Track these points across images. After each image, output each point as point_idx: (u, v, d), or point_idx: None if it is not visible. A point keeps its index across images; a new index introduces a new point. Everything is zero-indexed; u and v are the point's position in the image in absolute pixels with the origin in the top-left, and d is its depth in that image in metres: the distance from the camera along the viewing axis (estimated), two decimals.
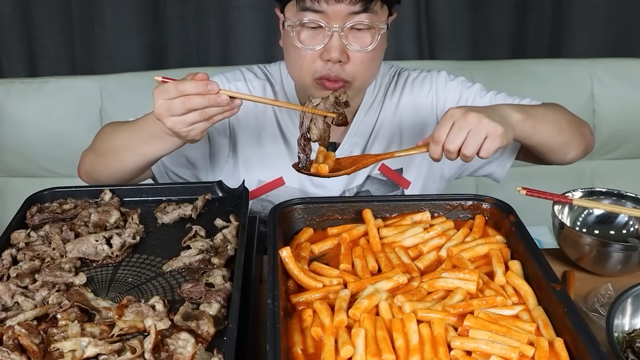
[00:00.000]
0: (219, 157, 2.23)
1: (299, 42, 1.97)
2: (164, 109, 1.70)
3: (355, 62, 1.98)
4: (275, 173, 2.21)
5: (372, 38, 1.97)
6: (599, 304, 1.74)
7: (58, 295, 1.45)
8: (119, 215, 1.76)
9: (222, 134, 2.20)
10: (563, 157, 2.10)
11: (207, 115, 1.71)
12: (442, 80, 2.28)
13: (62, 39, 3.51)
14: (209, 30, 3.55)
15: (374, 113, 2.24)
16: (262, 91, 2.24)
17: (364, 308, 1.43)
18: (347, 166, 1.79)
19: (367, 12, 1.92)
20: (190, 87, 1.68)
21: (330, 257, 1.68)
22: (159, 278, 1.56)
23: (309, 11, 1.92)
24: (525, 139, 1.94)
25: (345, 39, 1.93)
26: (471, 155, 1.72)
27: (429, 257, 1.66)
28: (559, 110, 2.09)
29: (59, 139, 3.14)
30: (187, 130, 1.73)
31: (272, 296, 1.37)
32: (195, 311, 1.40)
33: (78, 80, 3.21)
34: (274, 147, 2.22)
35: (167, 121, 1.71)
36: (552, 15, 3.63)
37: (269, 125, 2.23)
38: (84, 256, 1.62)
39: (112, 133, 2.06)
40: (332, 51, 1.94)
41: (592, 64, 3.29)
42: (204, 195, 1.85)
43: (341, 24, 1.92)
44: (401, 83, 2.29)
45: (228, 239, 1.67)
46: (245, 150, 2.22)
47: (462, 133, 1.71)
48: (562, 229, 1.89)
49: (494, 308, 1.45)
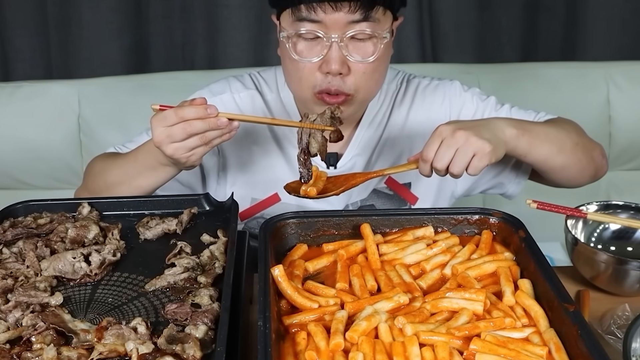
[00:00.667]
0: (210, 176, 2.26)
1: (296, 53, 1.98)
2: (164, 136, 1.79)
3: (357, 73, 1.98)
4: (270, 189, 2.22)
5: (374, 47, 1.97)
6: (616, 326, 1.75)
7: (32, 316, 1.44)
8: (98, 231, 1.76)
9: (211, 153, 2.20)
10: (567, 180, 2.14)
11: (207, 139, 1.81)
12: (456, 91, 2.28)
13: (37, 40, 3.51)
14: (195, 30, 3.56)
15: (380, 124, 2.25)
16: (250, 102, 2.25)
17: (362, 330, 1.43)
18: (337, 185, 1.83)
19: (367, 21, 1.93)
20: (190, 112, 1.78)
21: (326, 276, 1.68)
22: (141, 298, 1.55)
23: (305, 21, 1.93)
24: (520, 156, 2.00)
25: (345, 49, 1.94)
26: (459, 174, 1.82)
27: (432, 275, 1.66)
28: (568, 129, 2.11)
29: (33, 149, 3.13)
30: (187, 155, 1.82)
31: (263, 317, 1.37)
32: (180, 334, 1.40)
33: (54, 85, 3.21)
34: (268, 161, 2.23)
35: (167, 148, 1.80)
36: (565, 14, 3.65)
37: (262, 138, 2.23)
38: (61, 274, 1.61)
39: (103, 170, 2.13)
40: (331, 63, 1.94)
41: (608, 67, 3.30)
42: (190, 209, 1.85)
43: (340, 34, 1.92)
44: (411, 92, 2.29)
45: (216, 256, 1.67)
46: (236, 167, 2.24)
47: (449, 151, 1.80)
48: (576, 245, 1.89)
49: (502, 330, 1.45)
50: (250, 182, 2.23)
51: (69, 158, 3.11)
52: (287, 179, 2.01)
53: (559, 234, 1.98)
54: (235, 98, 2.25)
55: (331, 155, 2.19)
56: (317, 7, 1.90)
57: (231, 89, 2.27)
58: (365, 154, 2.24)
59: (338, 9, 1.89)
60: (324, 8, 1.89)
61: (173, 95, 2.19)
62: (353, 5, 1.89)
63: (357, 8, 1.90)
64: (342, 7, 1.89)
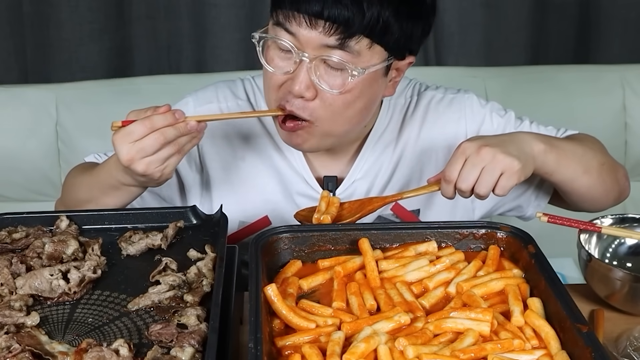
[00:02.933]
0: (191, 194, 2.24)
1: (264, 59, 1.95)
2: (134, 152, 1.77)
3: (324, 101, 1.92)
4: (260, 211, 2.19)
5: (342, 81, 1.89)
6: (632, 348, 1.75)
7: (7, 337, 1.44)
8: (78, 246, 1.76)
9: (194, 169, 2.22)
10: (591, 203, 2.13)
11: (179, 146, 1.81)
12: (473, 106, 2.24)
13: (11, 42, 3.52)
14: (181, 31, 3.57)
15: (388, 145, 2.20)
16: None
17: (360, 353, 1.43)
18: (352, 212, 1.82)
19: (343, 50, 1.85)
20: (160, 121, 1.77)
21: (322, 294, 1.68)
22: (123, 318, 1.56)
23: (281, 28, 1.88)
24: (547, 174, 1.98)
25: (314, 72, 1.88)
26: (485, 195, 1.80)
27: (436, 294, 1.66)
28: (593, 149, 2.10)
29: (8, 158, 3.13)
30: (161, 168, 1.81)
31: (254, 339, 1.37)
32: (165, 356, 1.41)
33: (30, 90, 3.22)
34: (258, 180, 2.20)
35: (139, 165, 1.79)
36: (578, 14, 3.66)
37: (250, 155, 2.20)
38: (37, 293, 1.61)
39: (74, 185, 2.14)
40: (295, 83, 1.89)
41: (623, 70, 3.31)
42: (176, 223, 1.85)
43: (312, 54, 1.87)
44: (422, 107, 2.24)
45: (203, 273, 1.67)
46: (222, 185, 2.22)
47: (475, 170, 1.79)
48: (590, 261, 1.89)
49: (510, 353, 1.45)
50: (238, 202, 2.19)
51: (46, 168, 3.11)
52: (278, 200, 2.01)
53: (572, 250, 1.98)
54: (222, 109, 2.21)
55: (330, 180, 2.16)
56: (293, 19, 1.85)
57: (218, 97, 2.23)
58: (369, 178, 2.19)
59: (313, 26, 1.83)
60: (299, 21, 1.84)
61: (158, 101, 2.19)
62: (328, 26, 1.82)
63: (333, 32, 1.82)
64: (317, 25, 1.83)
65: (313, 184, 2.17)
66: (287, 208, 2.16)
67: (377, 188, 2.20)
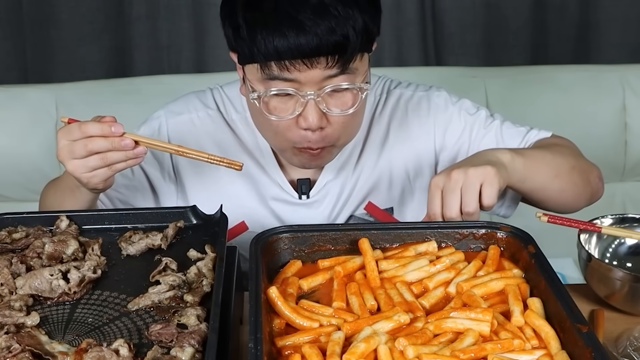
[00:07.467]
0: (167, 204, 2.24)
1: (269, 112, 1.93)
2: (66, 150, 1.81)
3: (337, 124, 1.95)
4: (237, 216, 2.17)
5: (354, 98, 1.93)
6: (632, 348, 1.75)
7: (7, 337, 1.44)
8: (78, 246, 1.76)
9: (167, 180, 2.22)
10: (563, 206, 2.12)
11: (108, 160, 1.80)
12: (440, 104, 2.24)
13: (11, 42, 3.52)
14: (181, 31, 3.57)
15: (356, 144, 2.20)
16: (210, 123, 2.22)
17: (360, 353, 1.43)
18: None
19: (345, 74, 1.87)
20: (93, 129, 1.78)
21: (321, 295, 1.68)
22: (123, 318, 1.56)
23: (277, 80, 1.87)
24: (519, 182, 1.96)
25: (322, 104, 1.89)
26: (474, 211, 1.80)
27: (436, 294, 1.66)
28: (562, 152, 2.10)
29: (8, 158, 3.14)
30: (88, 176, 1.82)
31: (254, 339, 1.37)
32: (165, 356, 1.41)
33: (30, 90, 3.22)
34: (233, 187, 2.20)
35: (68, 164, 1.81)
36: (578, 14, 3.66)
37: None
38: (37, 293, 1.61)
39: (45, 191, 2.21)
40: (309, 119, 1.90)
41: (623, 70, 3.31)
42: (176, 223, 1.85)
43: (316, 90, 1.87)
44: (391, 105, 2.25)
45: (203, 273, 1.67)
46: (197, 192, 2.21)
47: (455, 195, 1.80)
48: (590, 261, 1.89)
49: (510, 353, 1.45)
50: (214, 209, 2.15)
51: (46, 168, 3.11)
52: (253, 206, 2.01)
53: (572, 250, 1.98)
54: (193, 119, 2.22)
55: (303, 182, 2.17)
56: (290, 66, 1.83)
57: (189, 108, 2.24)
58: (341, 178, 2.20)
59: (314, 66, 1.83)
60: (298, 67, 1.83)
61: (157, 101, 2.20)
62: (331, 60, 1.83)
63: (334, 63, 1.83)
64: (318, 64, 1.83)
65: (287, 188, 2.18)
66: (263, 213, 2.19)
67: (348, 188, 2.21)
